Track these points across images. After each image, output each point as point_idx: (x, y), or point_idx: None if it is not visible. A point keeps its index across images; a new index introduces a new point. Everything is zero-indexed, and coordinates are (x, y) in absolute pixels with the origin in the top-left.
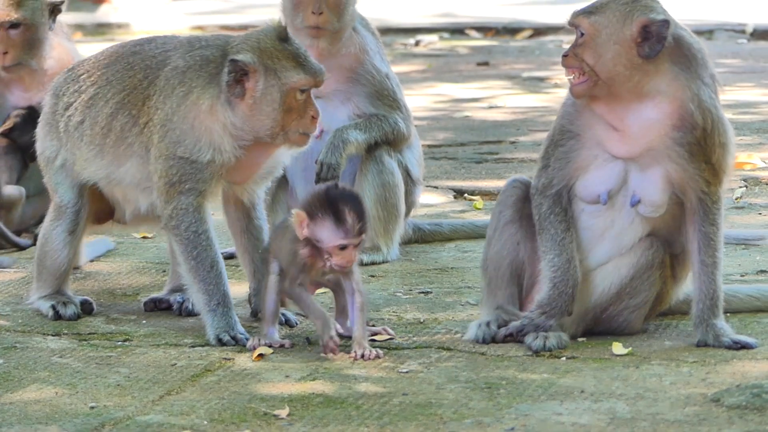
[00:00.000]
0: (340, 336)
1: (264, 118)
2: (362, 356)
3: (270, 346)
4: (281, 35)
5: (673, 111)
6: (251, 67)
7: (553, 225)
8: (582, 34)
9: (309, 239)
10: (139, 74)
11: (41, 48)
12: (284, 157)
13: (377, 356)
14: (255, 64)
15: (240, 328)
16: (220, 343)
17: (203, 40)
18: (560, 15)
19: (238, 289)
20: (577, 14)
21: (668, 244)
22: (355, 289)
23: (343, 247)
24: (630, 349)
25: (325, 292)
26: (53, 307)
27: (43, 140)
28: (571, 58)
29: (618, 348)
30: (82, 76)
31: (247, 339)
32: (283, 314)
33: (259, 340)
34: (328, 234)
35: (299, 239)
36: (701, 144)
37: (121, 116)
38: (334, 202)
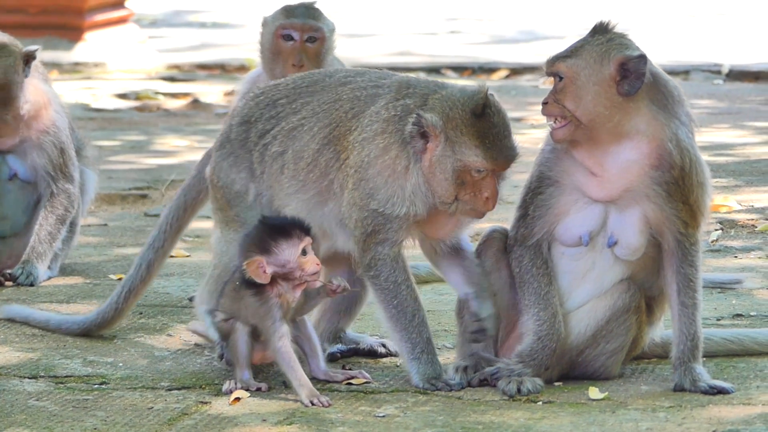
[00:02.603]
0: (316, 380)
1: (437, 183)
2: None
3: (247, 390)
4: (476, 110)
5: (652, 151)
6: (434, 130)
7: (535, 278)
8: (561, 79)
9: (274, 276)
10: (346, 105)
11: (16, 103)
12: None
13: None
14: (437, 128)
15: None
16: (434, 387)
17: (412, 87)
18: (536, 55)
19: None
20: (553, 60)
21: (646, 288)
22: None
23: (304, 253)
24: (606, 393)
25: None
26: None
27: (227, 172)
28: (551, 106)
29: (594, 393)
30: (281, 101)
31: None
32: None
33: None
34: (289, 252)
35: (261, 289)
36: (679, 184)
37: (327, 152)
38: (273, 228)
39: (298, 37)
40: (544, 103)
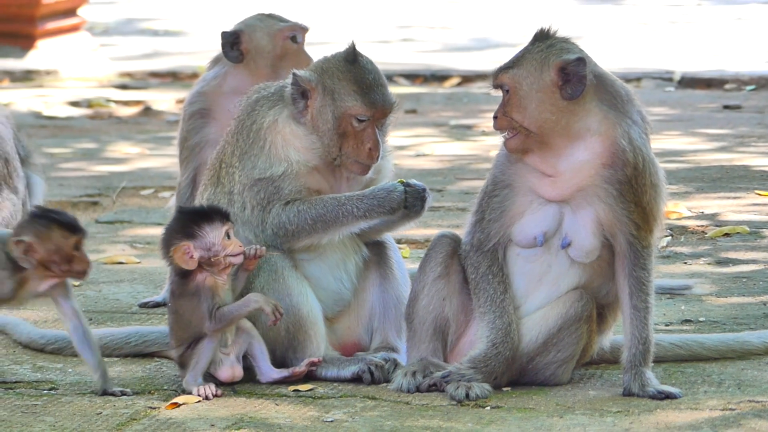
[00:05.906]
0: (266, 384)
1: (321, 137)
2: None
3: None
4: (348, 57)
5: (605, 149)
6: (310, 84)
7: (491, 285)
8: (507, 91)
9: (201, 261)
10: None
11: None
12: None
13: None
14: (314, 82)
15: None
16: None
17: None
18: (488, 62)
19: None
20: (497, 73)
21: (601, 295)
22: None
23: (228, 236)
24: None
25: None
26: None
27: None
28: (500, 120)
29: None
30: None
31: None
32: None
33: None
34: (213, 234)
35: (190, 278)
36: (632, 183)
37: (215, 166)
38: (194, 214)
39: (302, 39)
40: (495, 118)
